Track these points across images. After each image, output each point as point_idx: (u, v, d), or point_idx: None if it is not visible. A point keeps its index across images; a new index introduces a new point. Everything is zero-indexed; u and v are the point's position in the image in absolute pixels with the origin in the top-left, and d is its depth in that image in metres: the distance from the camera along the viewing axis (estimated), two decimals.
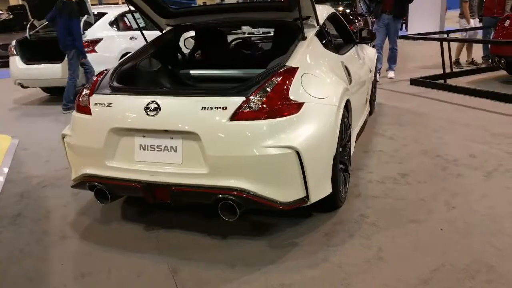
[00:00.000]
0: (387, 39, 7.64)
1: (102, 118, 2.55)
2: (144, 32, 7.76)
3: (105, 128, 2.52)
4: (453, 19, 20.18)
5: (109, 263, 2.52)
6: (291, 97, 2.38)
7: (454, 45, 7.87)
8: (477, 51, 8.57)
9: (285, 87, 2.38)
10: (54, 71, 6.81)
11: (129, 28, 7.94)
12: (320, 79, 2.76)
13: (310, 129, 2.40)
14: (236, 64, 3.59)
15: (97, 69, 6.89)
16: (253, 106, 2.31)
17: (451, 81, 6.85)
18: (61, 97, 6.63)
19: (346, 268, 2.35)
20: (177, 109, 2.42)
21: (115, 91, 2.66)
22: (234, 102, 2.32)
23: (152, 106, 2.42)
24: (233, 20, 3.60)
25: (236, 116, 2.30)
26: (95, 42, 6.94)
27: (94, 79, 2.82)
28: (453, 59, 7.79)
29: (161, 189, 2.49)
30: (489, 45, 7.46)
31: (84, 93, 2.73)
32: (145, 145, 2.49)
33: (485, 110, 5.38)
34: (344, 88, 2.91)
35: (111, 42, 7.21)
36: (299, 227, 2.78)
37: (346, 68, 3.38)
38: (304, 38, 2.96)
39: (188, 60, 3.90)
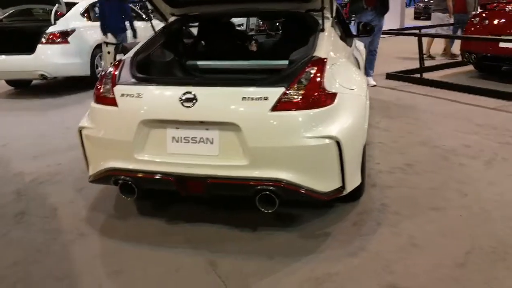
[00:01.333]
0: None
1: (131, 110, 2.42)
2: None
3: (135, 120, 2.39)
4: (408, 16, 21.20)
5: (140, 259, 2.41)
6: (326, 88, 2.38)
7: (425, 40, 8.24)
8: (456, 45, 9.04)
9: (320, 78, 2.37)
10: (24, 63, 6.38)
11: None
12: (346, 70, 2.78)
13: (345, 119, 2.41)
14: (245, 55, 3.53)
15: (71, 62, 6.58)
16: (292, 97, 2.29)
17: (425, 75, 7.15)
18: (27, 90, 6.27)
19: (384, 256, 2.38)
20: (216, 99, 2.34)
21: (142, 81, 2.54)
22: (275, 92, 2.28)
23: (188, 96, 2.33)
24: (242, 11, 3.54)
25: (277, 106, 2.26)
26: (68, 33, 6.58)
27: (112, 70, 2.65)
28: (425, 52, 8.16)
29: (195, 181, 2.41)
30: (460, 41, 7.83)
31: (104, 83, 2.57)
32: (178, 137, 2.40)
33: (462, 102, 5.66)
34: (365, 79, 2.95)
35: (84, 33, 6.86)
36: (325, 217, 2.79)
37: (356, 59, 3.44)
38: (323, 30, 2.96)
39: (193, 51, 3.78)
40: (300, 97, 2.29)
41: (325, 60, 2.51)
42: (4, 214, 2.98)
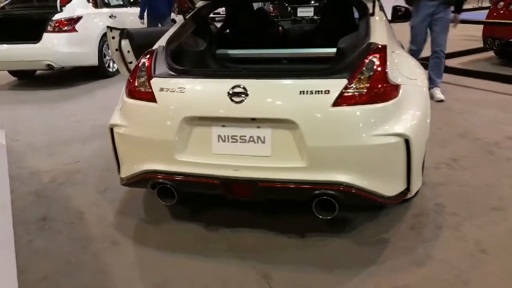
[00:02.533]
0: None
1: (172, 106, 2.16)
2: (123, 9, 7.30)
3: (177, 117, 2.13)
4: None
5: (182, 270, 2.17)
6: (390, 79, 2.12)
7: None
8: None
9: (384, 67, 2.11)
10: (30, 52, 6.06)
11: (107, 5, 7.27)
12: (405, 58, 2.52)
13: (411, 114, 2.15)
14: (278, 43, 3.25)
15: (79, 51, 6.28)
16: (355, 89, 2.03)
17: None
18: (32, 81, 5.97)
19: (454, 264, 2.15)
20: (269, 94, 2.08)
21: (183, 74, 2.27)
22: (337, 85, 2.02)
23: (237, 90, 2.07)
24: None
25: (339, 101, 2.00)
26: (75, 20, 6.25)
27: (145, 61, 2.37)
28: None
29: (243, 185, 2.16)
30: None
31: (138, 76, 2.30)
32: (225, 136, 2.14)
33: (491, 91, 5.40)
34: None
35: (91, 21, 6.55)
36: (378, 221, 2.55)
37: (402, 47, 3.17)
38: (373, 13, 2.69)
39: (221, 39, 3.49)
40: (365, 90, 2.02)
41: (385, 47, 2.24)
42: (25, 220, 2.73)
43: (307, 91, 2.01)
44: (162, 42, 2.60)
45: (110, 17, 7.04)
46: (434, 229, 2.46)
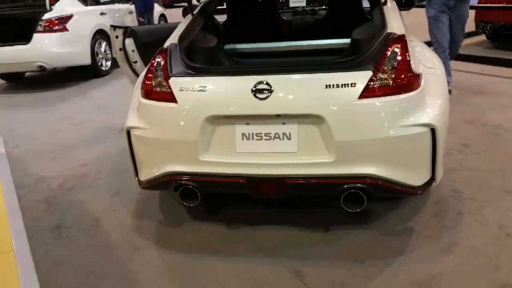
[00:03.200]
0: None
1: (194, 106, 2.10)
2: (114, 6, 7.20)
3: (200, 117, 2.08)
4: None
5: (213, 272, 2.14)
6: (414, 69, 2.10)
7: None
8: None
9: (407, 57, 2.09)
10: (20, 54, 5.88)
11: (96, 2, 7.11)
12: (420, 47, 2.50)
13: (434, 103, 2.14)
14: (286, 36, 3.20)
15: (71, 51, 6.13)
16: (381, 81, 2.00)
17: None
18: (22, 84, 5.81)
19: (482, 250, 2.16)
20: (294, 89, 2.04)
21: (202, 72, 2.22)
22: (362, 77, 1.99)
23: (262, 87, 2.03)
24: None
25: (366, 93, 1.98)
26: (66, 19, 6.09)
27: (160, 60, 2.30)
28: None
29: (270, 182, 2.13)
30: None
31: (155, 76, 2.23)
32: (249, 134, 2.10)
33: (488, 74, 5.44)
34: None
35: (82, 19, 6.39)
36: (399, 210, 2.55)
37: None
38: (385, 2, 2.66)
39: (228, 33, 3.42)
40: (390, 81, 2.00)
41: (404, 36, 2.22)
42: (39, 229, 2.66)
43: (333, 85, 1.98)
44: (173, 39, 2.53)
45: (101, 14, 6.89)
46: (456, 215, 2.47)
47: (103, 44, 6.86)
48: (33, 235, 2.57)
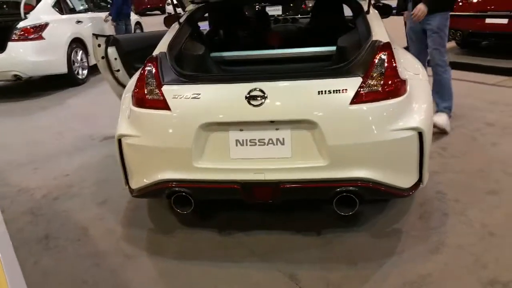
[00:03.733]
0: None
1: (187, 113, 2.11)
2: (89, 14, 7.14)
3: (194, 124, 2.09)
4: None
5: (208, 279, 2.14)
6: (400, 75, 2.18)
7: None
8: None
9: (394, 63, 2.17)
10: None
11: (72, 11, 7.00)
12: (403, 53, 2.59)
13: (419, 107, 2.22)
14: (279, 44, 3.24)
15: (46, 60, 6.01)
16: (370, 87, 2.07)
17: None
18: None
19: (468, 249, 2.25)
20: (288, 95, 2.09)
21: (194, 80, 2.23)
22: (353, 83, 2.06)
23: (256, 94, 2.06)
24: None
25: (357, 99, 2.04)
26: (42, 27, 5.97)
27: (150, 68, 2.30)
28: None
29: (264, 188, 2.16)
30: None
31: (147, 84, 2.23)
32: (243, 140, 2.13)
33: (461, 79, 5.63)
34: None
35: (58, 27, 6.28)
36: (387, 213, 2.62)
37: None
38: (368, 11, 2.75)
39: (214, 42, 3.44)
40: (379, 87, 2.07)
41: (389, 44, 2.30)
42: (26, 240, 2.59)
43: (325, 91, 2.03)
44: (162, 48, 2.53)
45: (77, 22, 6.79)
46: (441, 216, 2.56)
47: (80, 53, 6.76)
48: (20, 247, 2.50)
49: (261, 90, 2.06)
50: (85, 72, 6.90)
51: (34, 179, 3.45)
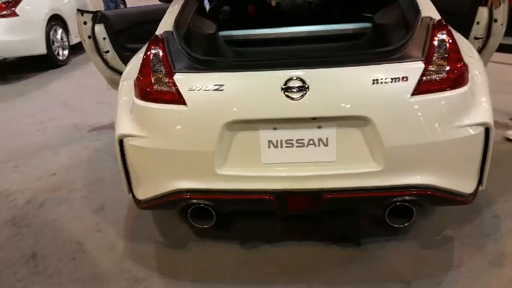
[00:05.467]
0: None
1: (209, 109, 1.70)
2: None
3: (217, 123, 1.69)
4: None
5: None
6: (463, 59, 1.80)
7: None
8: None
9: (456, 45, 1.79)
10: None
11: None
12: (454, 32, 2.20)
13: (481, 97, 1.85)
14: (288, 21, 2.80)
15: (22, 39, 5.43)
16: (433, 74, 1.69)
17: None
18: None
19: None
20: (335, 86, 1.69)
21: (216, 67, 1.82)
22: (414, 69, 1.67)
23: (295, 84, 1.66)
24: None
25: (419, 89, 1.66)
26: (14, 2, 5.35)
27: (156, 51, 1.85)
28: None
29: (302, 198, 1.79)
30: None
31: (154, 71, 1.80)
32: (277, 141, 1.73)
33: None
34: None
35: (34, 2, 5.66)
36: (429, 217, 2.26)
37: None
38: None
39: (222, 19, 2.98)
40: (444, 73, 1.69)
41: (444, 21, 1.91)
42: (8, 261, 2.17)
43: (381, 80, 1.65)
44: (166, 25, 2.08)
45: None
46: (492, 219, 2.25)
47: (59, 31, 6.16)
48: (3, 270, 2.10)
49: (301, 80, 1.66)
50: (66, 52, 6.31)
51: (15, 180, 3.00)
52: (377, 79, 1.65)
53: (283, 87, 1.66)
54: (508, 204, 2.35)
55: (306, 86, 1.65)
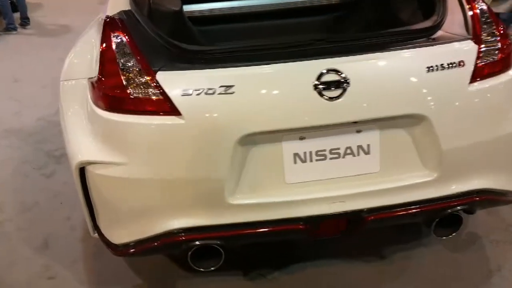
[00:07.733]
0: None
1: (215, 120, 1.22)
2: None
3: (228, 139, 1.22)
4: None
5: None
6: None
7: None
8: None
9: (497, 17, 1.50)
10: None
11: None
12: None
13: None
14: None
15: None
16: (486, 55, 1.38)
17: None
18: None
19: None
20: (383, 77, 1.29)
21: (218, 59, 1.32)
22: (469, 50, 1.34)
23: (330, 79, 1.24)
24: None
25: (475, 74, 1.34)
26: None
27: (119, 40, 1.29)
28: None
29: (337, 221, 1.41)
30: None
31: (123, 70, 1.26)
32: (305, 154, 1.31)
33: None
34: None
35: None
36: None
37: None
38: None
39: None
40: (496, 54, 1.39)
41: None
42: None
43: (436, 66, 1.29)
44: (119, 4, 1.50)
45: None
46: (509, 207, 2.05)
47: None
48: None
49: (339, 73, 1.24)
50: None
51: None
52: (431, 66, 1.28)
53: (316, 83, 1.23)
54: None
55: (347, 80, 1.24)
